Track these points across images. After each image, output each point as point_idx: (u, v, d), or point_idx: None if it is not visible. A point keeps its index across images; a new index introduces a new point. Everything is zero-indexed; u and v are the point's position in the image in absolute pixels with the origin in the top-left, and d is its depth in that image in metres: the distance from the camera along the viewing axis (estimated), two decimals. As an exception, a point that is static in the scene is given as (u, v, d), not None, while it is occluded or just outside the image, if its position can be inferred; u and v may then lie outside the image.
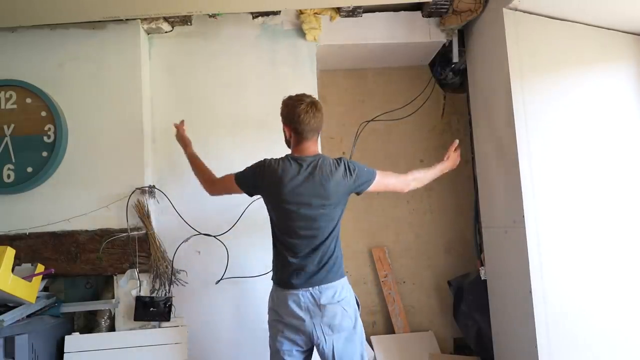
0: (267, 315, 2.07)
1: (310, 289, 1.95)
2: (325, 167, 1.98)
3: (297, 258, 1.97)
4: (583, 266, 2.41)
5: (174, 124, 2.54)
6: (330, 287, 1.96)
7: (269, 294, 2.09)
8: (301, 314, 1.94)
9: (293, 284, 1.96)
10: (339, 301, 1.96)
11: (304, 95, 2.04)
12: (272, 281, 2.08)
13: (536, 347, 2.31)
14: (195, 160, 2.37)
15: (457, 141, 2.39)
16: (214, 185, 2.24)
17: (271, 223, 2.07)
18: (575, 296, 2.37)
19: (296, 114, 1.99)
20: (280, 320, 1.99)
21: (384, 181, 2.13)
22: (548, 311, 2.33)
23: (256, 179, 2.05)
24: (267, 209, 2.07)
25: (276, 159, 2.04)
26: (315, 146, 2.07)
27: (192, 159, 2.38)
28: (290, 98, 2.04)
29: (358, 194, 2.09)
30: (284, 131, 2.08)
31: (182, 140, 2.47)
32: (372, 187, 2.09)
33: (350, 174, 2.00)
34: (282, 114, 2.05)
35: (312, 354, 2.05)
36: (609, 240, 2.46)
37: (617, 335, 2.39)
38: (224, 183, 2.16)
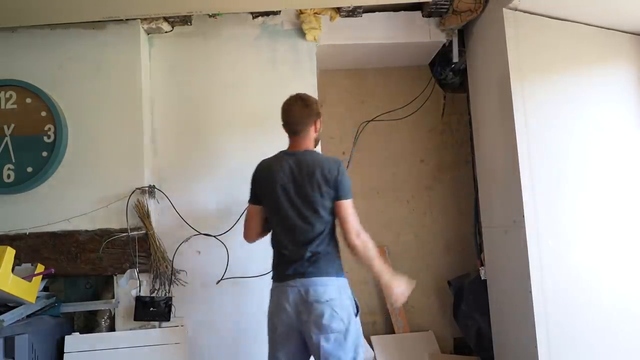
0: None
1: (299, 285, 1.95)
2: (315, 160, 2.02)
3: (289, 250, 2.00)
4: (583, 266, 2.41)
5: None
6: (319, 285, 1.96)
7: (267, 294, 2.09)
8: (290, 310, 1.94)
9: (285, 274, 1.99)
10: (327, 301, 1.93)
11: (299, 93, 2.13)
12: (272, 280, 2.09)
13: (536, 347, 2.30)
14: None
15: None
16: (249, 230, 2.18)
17: (268, 219, 2.11)
18: (575, 296, 2.37)
19: (283, 109, 2.10)
20: (275, 329, 1.98)
21: (348, 211, 2.03)
22: (548, 311, 2.33)
23: (254, 184, 2.11)
24: (263, 206, 2.09)
25: (268, 157, 2.11)
26: (307, 142, 2.10)
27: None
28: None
29: (335, 200, 2.03)
30: None
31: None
32: (337, 208, 2.02)
33: (337, 172, 2.01)
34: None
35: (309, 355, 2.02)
36: (608, 240, 2.46)
37: (617, 335, 2.39)
38: (248, 217, 2.16)
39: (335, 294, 1.97)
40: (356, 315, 2.03)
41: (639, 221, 2.51)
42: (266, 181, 2.05)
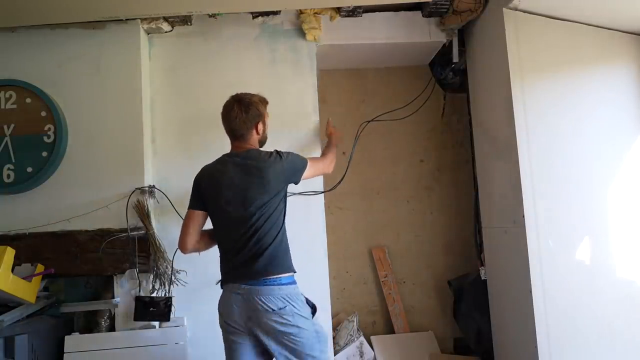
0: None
1: (245, 292, 1.89)
2: (255, 157, 1.98)
3: (235, 251, 1.95)
4: (583, 266, 2.41)
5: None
6: (266, 294, 1.88)
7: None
8: (239, 318, 1.90)
9: (230, 277, 1.95)
10: (277, 310, 1.87)
11: (243, 93, 2.07)
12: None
13: (536, 347, 2.31)
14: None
15: (330, 120, 2.77)
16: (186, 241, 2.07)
17: (214, 225, 2.05)
18: (575, 296, 2.37)
19: (222, 113, 2.05)
20: (228, 324, 1.94)
21: (315, 167, 2.22)
22: (548, 311, 2.33)
23: (197, 190, 2.04)
24: (208, 212, 2.04)
25: (211, 162, 2.08)
26: (249, 143, 2.04)
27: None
28: None
29: (296, 183, 2.11)
30: None
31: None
32: (307, 174, 2.13)
33: (281, 158, 2.00)
34: None
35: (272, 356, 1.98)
36: (608, 240, 2.47)
37: (617, 335, 2.39)
38: (184, 224, 2.05)
39: (281, 303, 1.90)
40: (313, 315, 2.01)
41: (639, 221, 2.51)
42: (211, 186, 1.99)
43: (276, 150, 2.04)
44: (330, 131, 2.70)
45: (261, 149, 2.09)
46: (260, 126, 2.06)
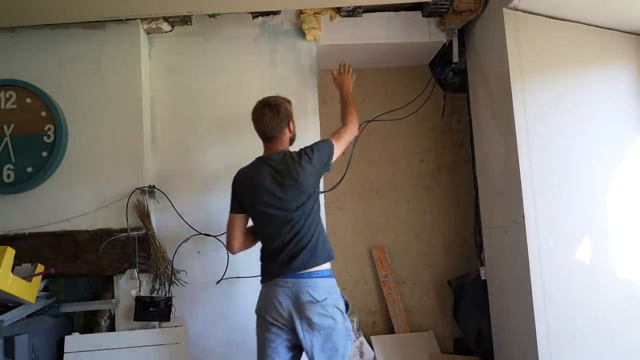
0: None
1: (291, 284, 1.99)
2: (288, 162, 2.07)
3: (278, 250, 2.03)
4: (583, 266, 2.41)
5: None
6: (311, 286, 1.99)
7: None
8: (282, 311, 1.98)
9: (274, 273, 2.03)
10: (320, 301, 1.98)
11: (269, 97, 2.17)
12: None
13: (536, 347, 2.30)
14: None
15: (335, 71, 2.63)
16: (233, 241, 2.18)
17: (255, 226, 2.16)
18: (575, 296, 2.37)
19: (253, 118, 2.14)
20: (265, 320, 2.02)
21: (343, 143, 2.27)
22: (548, 311, 2.33)
23: (236, 194, 2.14)
24: (248, 214, 2.13)
25: (245, 166, 2.16)
26: (281, 144, 2.15)
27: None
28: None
29: (328, 171, 2.21)
30: None
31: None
32: (337, 154, 2.22)
33: (310, 159, 2.08)
34: None
35: (301, 352, 2.06)
36: (608, 240, 2.46)
37: (617, 335, 2.39)
38: (228, 228, 2.15)
39: (324, 294, 2.01)
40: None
41: (639, 221, 2.51)
42: (248, 190, 2.08)
43: (303, 151, 2.12)
44: (341, 81, 2.57)
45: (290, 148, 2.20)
46: (291, 124, 2.17)
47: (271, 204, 2.04)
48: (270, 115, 2.10)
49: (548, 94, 2.48)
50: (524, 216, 2.38)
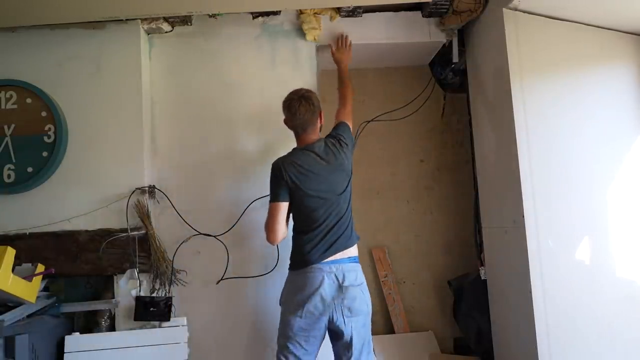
0: (281, 307, 2.19)
1: (334, 269, 2.06)
2: (332, 147, 2.22)
3: (322, 235, 2.11)
4: (583, 266, 2.41)
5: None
6: (351, 270, 2.11)
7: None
8: (325, 295, 2.04)
9: (315, 259, 2.08)
10: (359, 284, 2.11)
11: (299, 89, 2.25)
12: (288, 270, 2.22)
13: (536, 347, 2.31)
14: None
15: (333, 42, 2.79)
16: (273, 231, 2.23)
17: (294, 213, 2.21)
18: (575, 296, 2.38)
19: (290, 110, 2.20)
20: (301, 307, 2.06)
21: (351, 121, 2.46)
22: (548, 311, 2.33)
23: (281, 183, 2.16)
24: (290, 201, 2.17)
25: (284, 156, 2.21)
26: (316, 134, 2.28)
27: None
28: (289, 93, 2.25)
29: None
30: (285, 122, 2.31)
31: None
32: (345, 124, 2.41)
33: (345, 142, 2.29)
34: (283, 108, 2.27)
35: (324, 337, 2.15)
36: (608, 240, 2.47)
37: (617, 335, 2.39)
38: (273, 217, 2.18)
39: (362, 278, 2.18)
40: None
41: (639, 221, 2.51)
42: (297, 177, 2.15)
43: (335, 137, 2.27)
44: (340, 57, 2.74)
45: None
46: (322, 114, 2.31)
47: (321, 189, 2.14)
48: (306, 106, 2.19)
49: (548, 93, 2.48)
50: (523, 216, 2.38)
